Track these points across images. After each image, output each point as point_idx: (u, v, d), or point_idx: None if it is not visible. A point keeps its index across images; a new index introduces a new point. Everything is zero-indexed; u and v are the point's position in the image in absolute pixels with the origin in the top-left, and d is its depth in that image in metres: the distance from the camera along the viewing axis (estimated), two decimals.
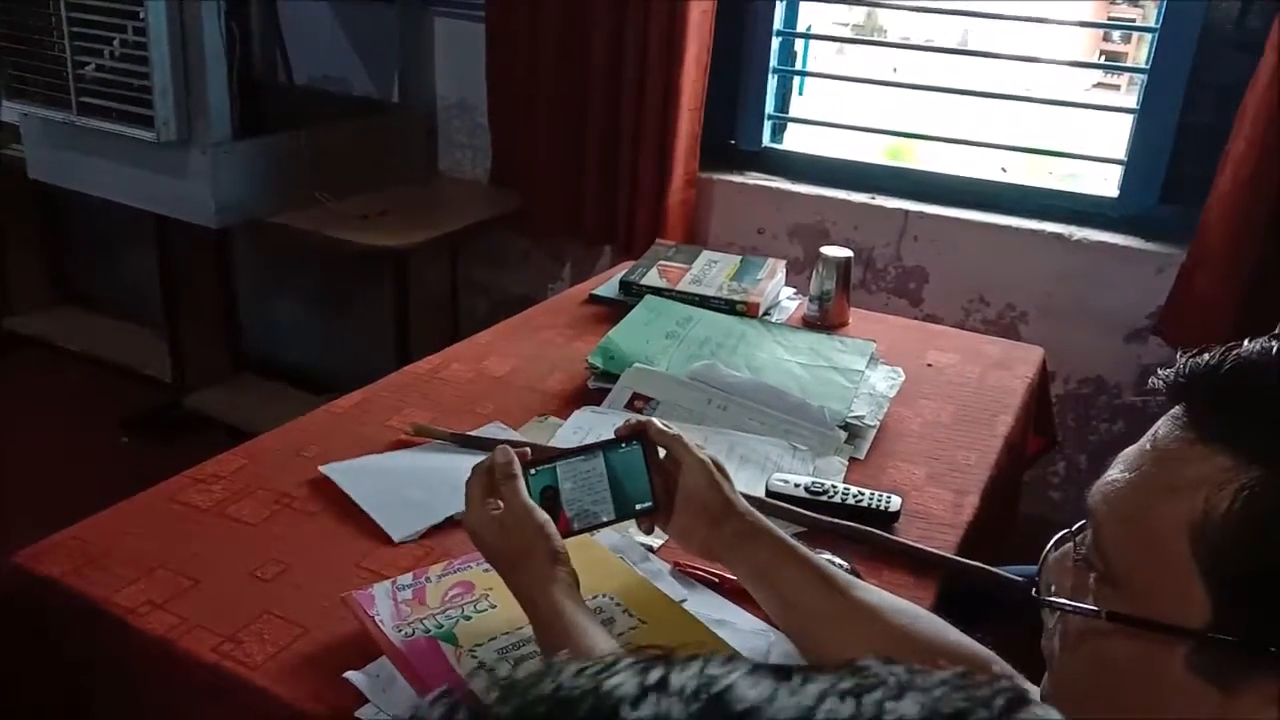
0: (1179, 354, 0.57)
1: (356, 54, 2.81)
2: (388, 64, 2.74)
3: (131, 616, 0.94)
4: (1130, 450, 0.58)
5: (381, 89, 2.80)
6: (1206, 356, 0.55)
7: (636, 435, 0.95)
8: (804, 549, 0.88)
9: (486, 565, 1.00)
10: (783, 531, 0.89)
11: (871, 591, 0.85)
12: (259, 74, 2.71)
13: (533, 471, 0.91)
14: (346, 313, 3.09)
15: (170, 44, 2.12)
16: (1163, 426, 0.56)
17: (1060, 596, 0.60)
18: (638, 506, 0.94)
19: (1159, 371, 0.57)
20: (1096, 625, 0.56)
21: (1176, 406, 0.56)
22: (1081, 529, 0.60)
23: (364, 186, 2.52)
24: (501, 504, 0.88)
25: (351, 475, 1.19)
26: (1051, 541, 0.63)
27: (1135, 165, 2.11)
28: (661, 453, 0.95)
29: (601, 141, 2.38)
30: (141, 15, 2.09)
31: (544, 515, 0.88)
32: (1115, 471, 0.57)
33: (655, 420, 0.95)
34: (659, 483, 0.94)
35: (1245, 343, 0.54)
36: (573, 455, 0.95)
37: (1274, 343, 0.53)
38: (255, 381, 3.08)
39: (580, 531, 0.94)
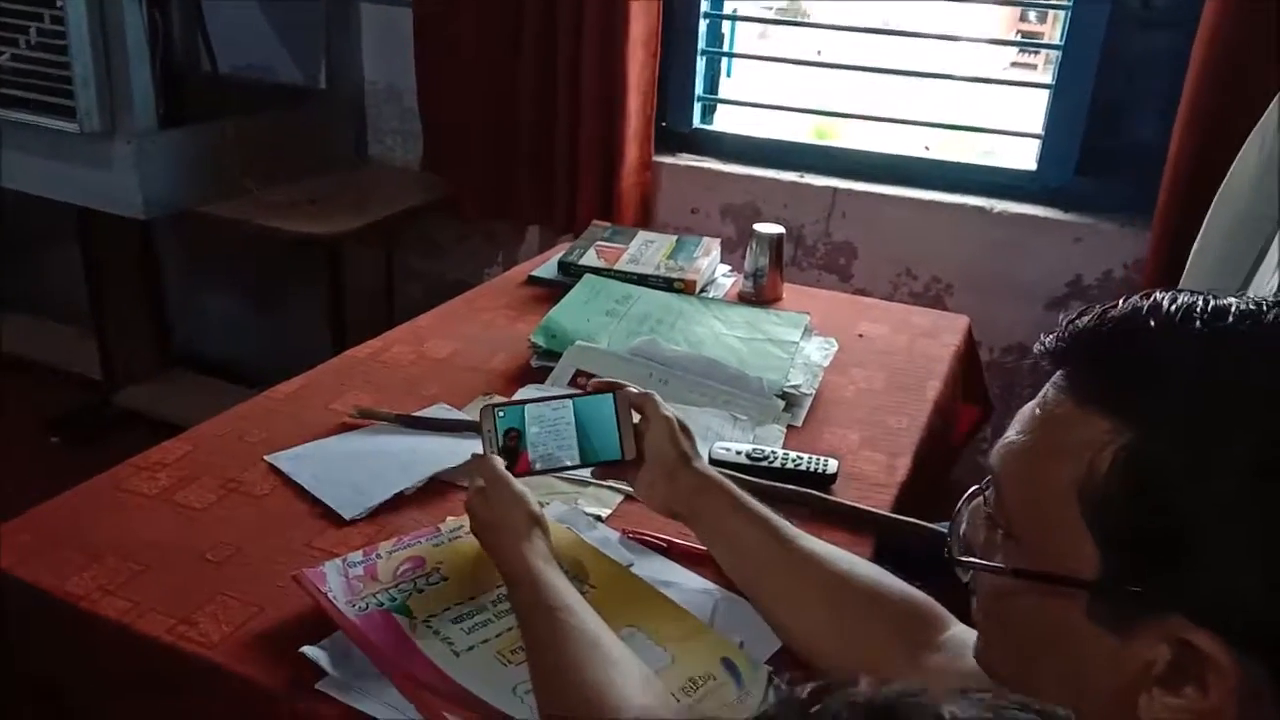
0: (1061, 318, 0.59)
1: (281, 41, 2.76)
2: (313, 51, 2.71)
3: (84, 602, 0.94)
4: (1025, 410, 0.60)
5: (308, 76, 2.76)
6: (1085, 319, 0.57)
7: (609, 391, 0.99)
8: (754, 502, 0.92)
9: (437, 540, 1.03)
10: (736, 487, 0.94)
11: (815, 542, 0.90)
12: (181, 63, 2.66)
13: (500, 413, 0.94)
14: (278, 305, 3.05)
15: (90, 32, 2.07)
16: (1049, 391, 0.59)
17: (974, 549, 0.62)
18: (603, 457, 0.98)
19: (1042, 337, 0.59)
20: (1005, 581, 0.59)
21: (1059, 372, 0.59)
22: (989, 484, 0.62)
23: (293, 175, 2.49)
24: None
25: (298, 461, 1.20)
26: (963, 498, 0.65)
27: (1051, 140, 2.18)
28: (636, 417, 0.99)
29: (537, 125, 2.38)
30: (59, 3, 2.04)
31: (521, 487, 0.91)
32: (1012, 432, 0.60)
33: (629, 385, 1.00)
34: (628, 439, 0.98)
35: (1119, 303, 0.56)
36: (542, 401, 0.98)
37: (1143, 302, 0.55)
38: (187, 377, 3.03)
39: (542, 473, 0.98)
